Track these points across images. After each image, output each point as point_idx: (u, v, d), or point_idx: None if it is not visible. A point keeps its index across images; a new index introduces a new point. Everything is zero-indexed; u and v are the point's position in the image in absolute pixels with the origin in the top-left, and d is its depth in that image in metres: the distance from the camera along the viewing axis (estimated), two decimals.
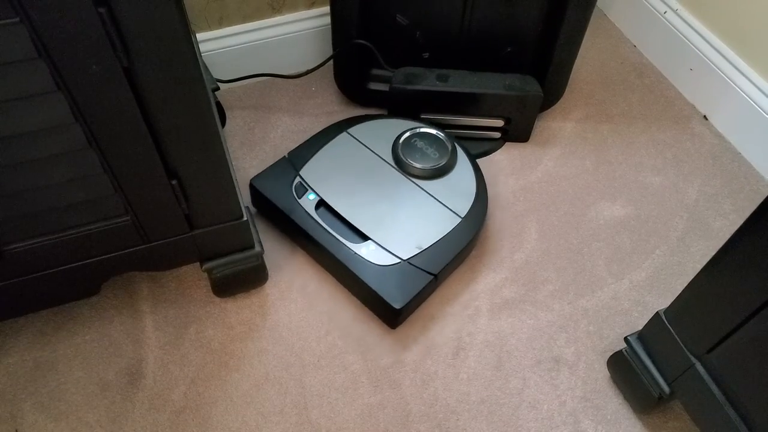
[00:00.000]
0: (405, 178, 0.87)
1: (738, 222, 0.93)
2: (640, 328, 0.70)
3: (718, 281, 0.57)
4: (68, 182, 0.58)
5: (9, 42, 0.45)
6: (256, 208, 0.90)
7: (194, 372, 0.77)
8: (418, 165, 0.87)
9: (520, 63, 1.00)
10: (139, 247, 0.70)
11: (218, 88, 0.93)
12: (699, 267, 0.60)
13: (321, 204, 0.84)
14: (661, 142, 1.04)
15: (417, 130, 0.91)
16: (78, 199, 0.61)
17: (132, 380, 0.76)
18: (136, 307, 0.82)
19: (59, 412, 0.73)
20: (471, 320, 0.82)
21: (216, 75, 1.02)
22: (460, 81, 0.95)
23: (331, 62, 1.02)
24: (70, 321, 0.81)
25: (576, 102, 1.10)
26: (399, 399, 0.76)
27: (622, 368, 0.74)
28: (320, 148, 0.90)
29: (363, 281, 0.77)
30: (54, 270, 0.68)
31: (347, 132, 0.92)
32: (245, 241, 0.75)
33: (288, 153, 0.89)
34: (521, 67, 1.00)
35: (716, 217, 0.94)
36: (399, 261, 0.79)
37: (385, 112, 1.02)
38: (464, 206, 0.85)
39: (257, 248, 0.76)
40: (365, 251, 0.80)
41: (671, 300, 0.64)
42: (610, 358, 0.76)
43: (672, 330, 0.64)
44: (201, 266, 0.75)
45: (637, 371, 0.70)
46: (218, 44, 1.01)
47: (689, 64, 1.08)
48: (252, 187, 0.87)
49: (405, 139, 0.90)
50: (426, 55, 1.00)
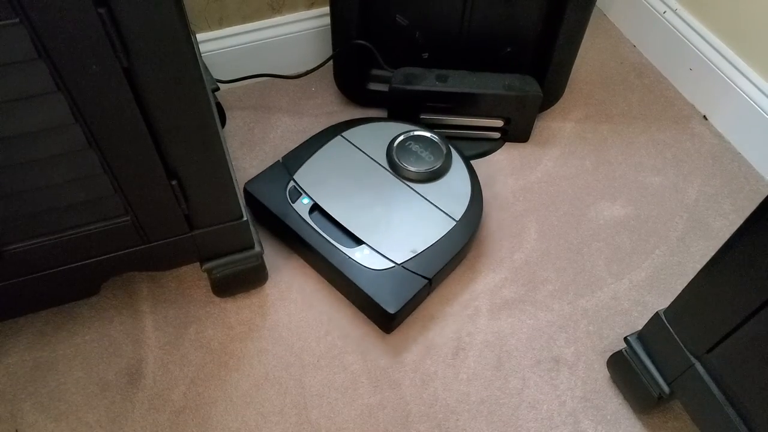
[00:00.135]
0: (399, 182, 0.87)
1: (738, 222, 0.93)
2: (640, 328, 0.71)
3: (718, 281, 0.57)
4: (68, 182, 0.58)
5: (9, 42, 0.45)
6: (251, 213, 0.90)
7: (194, 372, 0.77)
8: (413, 168, 0.87)
9: (520, 63, 1.00)
10: (139, 248, 0.70)
11: (218, 89, 0.93)
12: (699, 267, 0.60)
13: (315, 208, 0.84)
14: (661, 142, 1.04)
15: (411, 133, 0.90)
16: (78, 200, 0.61)
17: (132, 380, 0.76)
18: (136, 308, 0.82)
19: (59, 412, 0.73)
20: (471, 320, 0.82)
21: (216, 75, 1.02)
22: (460, 81, 0.95)
23: (331, 62, 1.02)
24: (70, 321, 0.81)
25: (576, 102, 1.10)
26: (399, 399, 0.76)
27: (622, 368, 0.74)
28: (314, 152, 0.89)
29: (357, 286, 0.77)
30: (54, 270, 0.68)
31: (341, 135, 0.91)
32: (245, 241, 0.75)
33: (282, 157, 0.89)
34: (521, 68, 1.00)
35: (716, 217, 0.94)
36: (393, 265, 0.79)
37: (385, 113, 1.02)
38: (459, 209, 0.85)
39: (257, 248, 0.76)
40: (359, 255, 0.80)
41: (671, 300, 0.64)
42: (610, 358, 0.76)
43: (672, 330, 0.64)
44: (201, 266, 0.75)
45: (637, 371, 0.70)
46: (218, 44, 1.01)
47: (689, 64, 1.08)
48: (246, 192, 0.86)
49: (399, 143, 0.89)
50: (425, 56, 1.00)
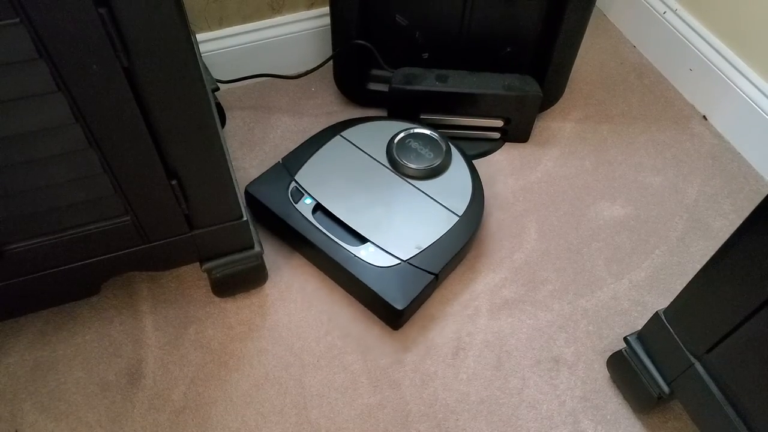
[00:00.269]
0: (401, 179, 0.87)
1: (737, 222, 0.93)
2: (640, 328, 0.71)
3: (718, 281, 0.57)
4: (68, 182, 0.58)
5: (9, 42, 0.45)
6: (252, 215, 0.90)
7: (194, 372, 0.77)
8: (414, 165, 0.87)
9: (520, 63, 1.00)
10: (139, 248, 0.70)
11: (218, 89, 0.93)
12: (698, 267, 0.60)
13: (318, 208, 0.84)
14: (661, 143, 1.04)
15: (411, 131, 0.91)
16: (78, 199, 0.61)
17: (132, 380, 0.76)
18: (136, 308, 0.82)
19: (59, 412, 0.73)
20: (470, 320, 0.82)
21: (216, 75, 1.02)
22: (460, 81, 0.95)
23: (331, 63, 1.02)
24: (70, 321, 0.81)
25: (575, 102, 1.10)
26: (398, 399, 0.76)
27: (622, 368, 0.74)
28: (314, 153, 0.89)
29: (364, 283, 0.77)
30: (54, 270, 0.68)
31: (341, 135, 0.91)
32: (245, 241, 0.75)
33: (282, 158, 0.89)
34: (521, 68, 1.00)
35: (716, 217, 0.94)
36: (399, 262, 0.79)
37: (385, 113, 1.02)
38: (461, 205, 0.85)
39: (257, 248, 0.76)
40: (365, 253, 0.80)
41: (671, 300, 0.64)
42: (610, 358, 0.76)
43: (671, 330, 0.64)
44: (201, 266, 0.75)
45: (637, 371, 0.70)
46: (218, 45, 1.01)
47: (689, 65, 1.08)
48: (247, 194, 0.86)
49: (399, 141, 0.90)
50: (425, 56, 1.00)
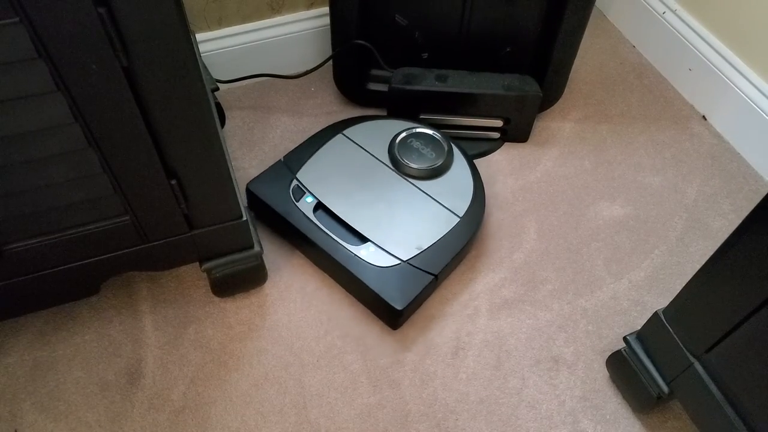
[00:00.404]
0: (402, 179, 0.87)
1: (737, 222, 0.93)
2: (639, 328, 0.71)
3: (717, 281, 0.57)
4: (68, 182, 0.58)
5: (9, 42, 0.45)
6: (253, 213, 0.90)
7: (193, 372, 0.77)
8: (415, 165, 0.87)
9: (519, 63, 1.00)
10: (139, 247, 0.70)
11: (217, 89, 0.93)
12: (698, 267, 0.60)
13: (319, 207, 0.84)
14: (660, 143, 1.04)
15: (413, 131, 0.91)
16: (77, 199, 0.61)
17: (131, 380, 0.76)
18: (136, 307, 0.82)
19: (59, 412, 0.73)
20: (470, 320, 0.82)
21: (215, 75, 1.02)
22: (459, 81, 0.95)
23: (331, 62, 1.02)
24: (70, 321, 0.81)
25: (575, 102, 1.10)
26: (398, 399, 0.76)
27: (621, 368, 0.74)
28: (316, 151, 0.89)
29: (364, 283, 0.77)
30: (53, 270, 0.68)
31: (343, 134, 0.91)
32: (244, 241, 0.75)
33: (283, 156, 0.89)
34: (520, 68, 1.00)
35: (715, 217, 0.94)
36: (399, 262, 0.79)
37: (384, 113, 1.02)
38: (462, 205, 0.85)
39: (256, 248, 0.76)
40: (365, 253, 0.80)
41: (670, 300, 0.64)
42: (609, 358, 0.76)
43: (671, 330, 0.64)
44: (200, 266, 0.75)
45: (636, 371, 0.70)
46: (217, 44, 1.01)
47: (688, 65, 1.08)
48: (249, 192, 0.86)
49: (401, 140, 0.90)
50: (425, 56, 1.00)
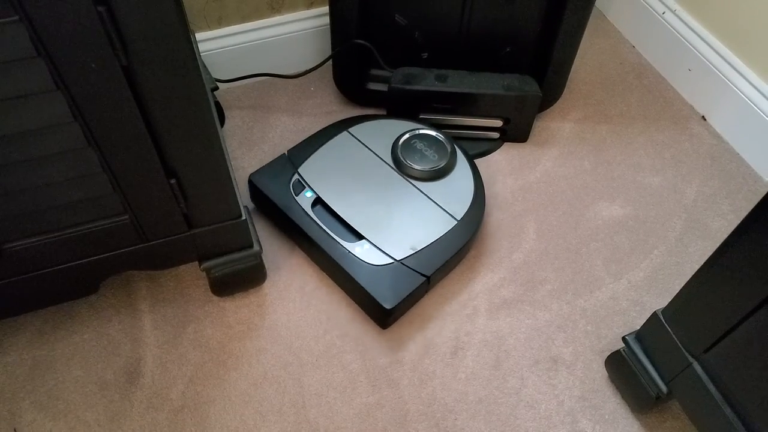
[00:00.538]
0: (403, 179, 0.87)
1: (736, 222, 0.93)
2: (638, 328, 0.71)
3: (716, 281, 0.57)
4: (67, 181, 0.58)
5: (8, 40, 0.45)
6: (255, 204, 0.91)
7: (193, 371, 0.77)
8: (417, 167, 0.87)
9: (519, 63, 1.00)
10: (138, 246, 0.70)
11: (217, 88, 0.93)
12: (697, 267, 0.60)
13: (317, 202, 0.84)
14: (660, 143, 1.04)
15: (417, 132, 0.91)
16: (77, 198, 0.61)
17: (130, 379, 0.76)
18: (135, 307, 0.82)
19: (58, 411, 0.73)
20: (469, 320, 0.82)
21: (215, 75, 1.02)
22: (459, 81, 0.95)
23: (330, 62, 1.02)
24: (69, 320, 0.81)
25: (575, 102, 1.10)
26: (397, 398, 0.76)
27: (620, 368, 0.74)
28: (320, 147, 0.90)
29: (355, 280, 0.78)
30: (52, 269, 0.68)
31: (348, 131, 0.92)
32: (244, 241, 0.75)
33: (288, 150, 0.90)
34: (520, 68, 1.00)
35: (714, 218, 0.94)
36: (392, 261, 0.79)
37: (384, 112, 1.02)
38: (461, 209, 0.85)
39: (256, 247, 0.76)
40: (359, 250, 0.80)
41: (669, 300, 0.64)
42: (608, 358, 0.76)
43: (669, 330, 0.64)
44: (199, 265, 0.75)
45: (635, 371, 0.70)
46: (217, 44, 1.01)
47: (688, 65, 1.08)
48: (251, 183, 0.87)
49: (405, 140, 0.90)
50: (425, 55, 1.00)
